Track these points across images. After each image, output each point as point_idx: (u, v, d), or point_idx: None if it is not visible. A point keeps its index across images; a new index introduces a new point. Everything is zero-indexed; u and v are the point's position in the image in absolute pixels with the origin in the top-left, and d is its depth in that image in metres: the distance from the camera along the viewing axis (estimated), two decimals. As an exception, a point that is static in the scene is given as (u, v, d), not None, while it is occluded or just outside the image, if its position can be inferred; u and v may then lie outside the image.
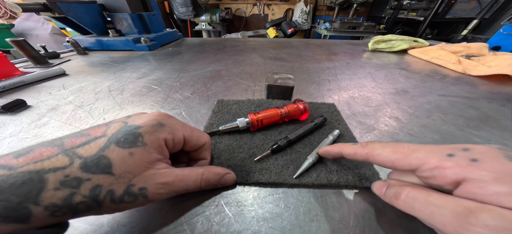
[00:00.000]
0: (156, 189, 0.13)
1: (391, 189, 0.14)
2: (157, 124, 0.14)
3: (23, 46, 0.51)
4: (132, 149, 0.12)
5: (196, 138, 0.17)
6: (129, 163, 0.12)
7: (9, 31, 1.59)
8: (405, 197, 0.13)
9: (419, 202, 0.12)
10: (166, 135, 0.14)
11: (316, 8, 2.54)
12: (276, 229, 0.15)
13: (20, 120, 0.30)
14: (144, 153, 0.12)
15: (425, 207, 0.11)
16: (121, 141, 0.12)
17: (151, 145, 0.13)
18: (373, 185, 0.17)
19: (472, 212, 0.09)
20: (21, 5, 0.53)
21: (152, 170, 0.13)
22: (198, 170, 0.16)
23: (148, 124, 0.13)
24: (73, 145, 0.11)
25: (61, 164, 0.10)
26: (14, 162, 0.09)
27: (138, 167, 0.12)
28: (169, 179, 0.14)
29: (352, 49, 0.78)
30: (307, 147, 0.23)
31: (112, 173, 0.11)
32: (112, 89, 0.40)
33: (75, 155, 0.10)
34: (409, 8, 2.02)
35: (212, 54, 0.69)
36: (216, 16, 2.25)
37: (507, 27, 1.41)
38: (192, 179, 0.15)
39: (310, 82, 0.45)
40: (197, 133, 0.18)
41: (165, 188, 0.14)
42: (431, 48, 0.68)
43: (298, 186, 0.19)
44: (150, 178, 0.13)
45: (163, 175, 0.13)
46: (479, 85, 0.44)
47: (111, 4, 0.72)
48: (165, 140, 0.14)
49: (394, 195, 0.14)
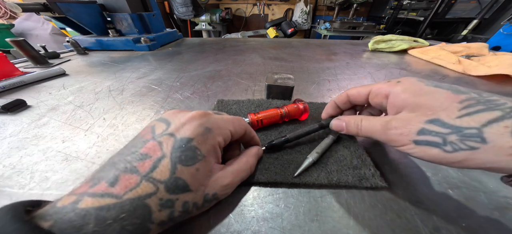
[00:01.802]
0: (223, 191, 0.15)
1: (351, 121, 0.19)
2: (205, 130, 0.14)
3: (23, 46, 0.51)
4: (196, 165, 0.13)
5: (239, 127, 0.17)
6: (198, 178, 0.13)
7: (9, 31, 1.59)
8: (362, 125, 0.18)
9: (368, 124, 0.18)
10: (217, 140, 0.15)
11: (316, 8, 2.54)
12: (276, 229, 0.15)
13: (20, 120, 0.30)
14: (206, 165, 0.14)
15: (370, 126, 0.17)
16: (183, 160, 0.13)
17: (208, 155, 0.14)
18: (332, 124, 0.22)
19: (388, 121, 0.16)
20: (21, 5, 0.53)
21: (214, 176, 0.14)
22: (242, 159, 0.18)
23: (197, 133, 0.14)
24: (146, 169, 0.12)
25: (151, 190, 0.11)
26: (115, 191, 0.11)
27: (204, 178, 0.14)
28: (229, 180, 0.15)
29: (352, 49, 0.78)
30: (307, 146, 0.23)
31: (191, 190, 0.13)
32: (112, 89, 0.40)
33: (155, 180, 0.12)
34: (409, 8, 2.02)
35: (212, 54, 0.69)
36: (216, 16, 2.25)
37: (507, 27, 1.41)
38: (244, 170, 0.17)
39: (310, 82, 0.45)
40: (237, 123, 0.17)
41: (229, 188, 0.15)
42: (431, 48, 0.68)
43: (298, 186, 0.19)
44: (216, 184, 0.14)
45: (223, 177, 0.15)
46: (479, 86, 0.44)
47: (111, 4, 0.72)
48: (218, 144, 0.15)
49: (355, 125, 0.19)
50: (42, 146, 0.24)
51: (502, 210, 0.17)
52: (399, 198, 0.18)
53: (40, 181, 0.20)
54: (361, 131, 0.18)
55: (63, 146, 0.24)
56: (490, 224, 0.16)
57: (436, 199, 0.18)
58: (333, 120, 0.21)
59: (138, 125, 0.29)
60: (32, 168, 0.21)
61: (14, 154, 0.23)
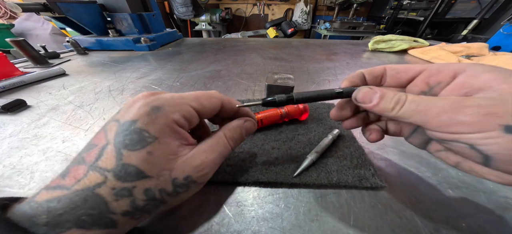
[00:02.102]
0: (197, 172, 0.13)
1: (389, 95, 0.13)
2: (151, 110, 0.12)
3: (23, 46, 0.51)
4: (146, 148, 0.11)
5: (207, 100, 0.15)
6: (155, 163, 0.12)
7: (9, 31, 1.59)
8: (408, 100, 0.13)
9: (421, 101, 0.12)
10: (171, 118, 0.13)
11: (316, 8, 2.54)
12: (276, 229, 0.15)
13: (20, 120, 0.30)
14: (161, 147, 0.12)
15: (424, 103, 0.12)
16: (128, 144, 0.11)
17: (162, 136, 0.12)
18: (359, 92, 0.15)
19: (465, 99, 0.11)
20: (21, 5, 0.53)
21: (182, 158, 0.13)
22: (218, 133, 0.16)
23: (142, 113, 0.12)
24: (92, 159, 0.11)
25: (99, 179, 0.11)
26: (65, 182, 0.11)
27: (166, 162, 0.12)
28: (202, 159, 0.14)
29: (352, 49, 0.78)
30: (307, 146, 0.23)
31: (149, 176, 0.12)
32: (112, 89, 0.40)
33: (101, 169, 0.11)
34: (409, 8, 2.02)
35: (212, 54, 0.69)
36: (216, 16, 2.25)
37: (507, 27, 1.41)
38: (221, 145, 0.15)
39: (310, 82, 0.45)
40: (205, 97, 0.15)
41: (204, 168, 0.14)
42: (431, 48, 0.68)
43: (299, 186, 0.19)
44: (186, 166, 0.13)
45: (194, 158, 0.13)
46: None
47: (111, 4, 0.72)
48: (175, 121, 0.13)
49: (396, 100, 0.13)
50: (42, 146, 0.24)
51: (502, 210, 0.17)
52: (399, 198, 0.18)
53: (40, 181, 0.20)
54: (404, 109, 0.13)
55: (63, 146, 0.24)
56: (490, 224, 0.16)
57: (436, 199, 0.18)
58: (362, 87, 0.15)
59: (138, 125, 0.29)
60: (32, 168, 0.21)
61: (14, 154, 0.23)
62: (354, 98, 0.15)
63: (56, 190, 0.10)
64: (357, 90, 0.15)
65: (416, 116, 0.12)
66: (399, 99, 0.13)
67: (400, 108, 0.13)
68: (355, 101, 0.15)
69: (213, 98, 0.15)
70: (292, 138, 0.25)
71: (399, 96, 0.13)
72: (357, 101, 0.15)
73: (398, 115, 0.13)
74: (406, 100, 0.13)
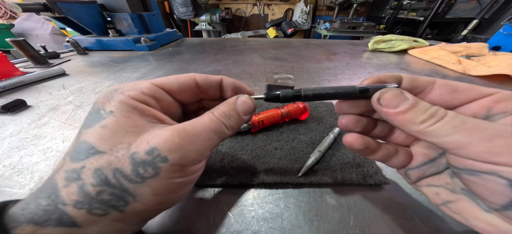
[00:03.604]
0: (168, 143, 0.10)
1: (421, 106, 0.11)
2: (109, 92, 0.12)
3: (23, 46, 0.51)
4: (101, 122, 0.10)
5: (174, 79, 0.14)
6: (109, 136, 0.10)
7: (9, 31, 1.59)
8: (451, 117, 0.10)
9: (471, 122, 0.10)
10: (127, 94, 0.11)
11: (316, 8, 2.54)
12: (276, 229, 0.15)
13: (20, 120, 0.30)
14: (117, 120, 0.10)
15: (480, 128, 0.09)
16: (86, 124, 0.11)
17: (117, 110, 0.11)
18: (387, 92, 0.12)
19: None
20: (21, 5, 0.53)
21: (148, 131, 0.11)
22: (205, 114, 0.13)
23: (101, 96, 0.12)
24: (67, 150, 0.11)
25: (59, 165, 0.10)
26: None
27: (123, 134, 0.10)
28: (178, 129, 0.11)
29: (352, 49, 0.78)
30: (309, 146, 0.23)
31: (99, 151, 0.10)
32: (112, 89, 0.40)
33: (66, 154, 0.10)
34: (409, 8, 2.02)
35: (212, 54, 0.69)
36: (216, 16, 2.25)
37: (507, 27, 1.41)
38: (206, 119, 0.12)
39: (310, 82, 0.45)
40: (173, 76, 0.14)
41: (181, 140, 0.11)
42: (431, 48, 0.68)
43: (304, 186, 0.19)
44: (152, 137, 0.10)
45: (166, 129, 0.11)
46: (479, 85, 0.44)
47: (111, 4, 0.72)
48: (133, 97, 0.11)
49: (432, 113, 0.10)
50: (42, 146, 0.24)
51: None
52: (399, 198, 0.18)
53: (40, 181, 0.20)
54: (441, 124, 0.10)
55: (63, 146, 0.24)
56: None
57: (436, 199, 0.18)
58: (391, 88, 0.12)
59: (138, 125, 0.29)
60: (32, 168, 0.21)
61: (14, 154, 0.23)
62: (375, 99, 0.12)
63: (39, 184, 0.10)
64: (383, 90, 0.12)
65: (456, 135, 0.10)
66: (436, 113, 0.11)
67: (435, 122, 0.10)
68: (376, 102, 0.12)
69: (183, 77, 0.14)
70: (293, 138, 0.25)
71: (436, 109, 0.11)
72: (378, 102, 0.12)
73: (429, 131, 0.10)
74: (446, 114, 0.10)
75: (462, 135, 0.09)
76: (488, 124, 0.09)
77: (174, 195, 0.12)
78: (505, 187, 0.09)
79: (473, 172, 0.10)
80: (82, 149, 0.10)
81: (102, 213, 0.09)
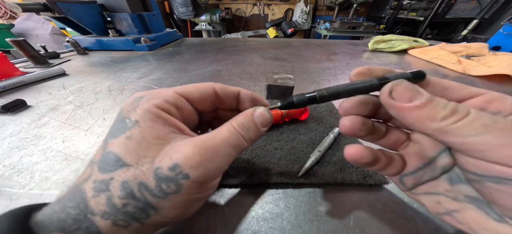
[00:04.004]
0: (190, 160, 0.10)
1: (442, 102, 0.10)
2: (134, 100, 0.12)
3: (23, 46, 0.51)
4: (126, 133, 0.11)
5: (195, 88, 0.14)
6: (134, 148, 0.10)
7: (9, 31, 1.59)
8: (476, 116, 0.09)
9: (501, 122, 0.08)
10: (152, 102, 0.12)
11: (316, 8, 2.54)
12: (276, 229, 0.15)
13: (20, 120, 0.30)
14: (141, 130, 0.11)
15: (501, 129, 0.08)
16: (113, 133, 0.11)
17: (142, 119, 0.11)
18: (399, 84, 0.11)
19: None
20: (21, 5, 0.53)
21: (170, 144, 0.11)
22: (223, 126, 0.13)
23: (126, 103, 0.12)
24: (93, 157, 0.11)
25: (87, 173, 0.10)
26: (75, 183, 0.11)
27: (147, 147, 0.10)
28: (199, 144, 0.11)
29: (352, 49, 0.78)
30: (309, 146, 0.23)
31: (126, 164, 0.10)
32: (112, 89, 0.40)
33: (92, 162, 0.11)
34: (409, 8, 2.02)
35: (212, 54, 0.69)
36: (216, 16, 2.25)
37: (507, 27, 1.41)
38: (224, 131, 0.12)
39: (310, 82, 0.45)
40: (194, 85, 0.14)
41: (202, 156, 0.11)
42: (431, 48, 0.68)
43: (304, 186, 0.19)
44: (174, 152, 0.10)
45: (188, 142, 0.11)
46: (479, 86, 0.44)
47: (111, 4, 0.72)
48: (157, 106, 0.12)
49: (453, 109, 0.09)
50: (42, 146, 0.24)
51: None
52: (399, 198, 0.18)
53: (40, 181, 0.20)
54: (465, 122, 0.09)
55: (63, 146, 0.24)
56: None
57: (436, 199, 0.18)
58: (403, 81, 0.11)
59: (138, 125, 0.29)
60: (32, 168, 0.21)
61: (14, 154, 0.23)
62: (387, 92, 0.11)
63: (64, 191, 0.10)
64: (395, 82, 0.11)
65: (487, 135, 0.08)
66: (457, 109, 0.09)
67: (459, 119, 0.09)
68: (387, 96, 0.11)
69: (203, 87, 0.14)
70: (293, 138, 0.25)
71: (456, 105, 0.10)
72: (390, 96, 0.11)
73: (451, 129, 0.09)
74: (469, 111, 0.09)
75: (494, 136, 0.08)
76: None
77: (191, 209, 0.12)
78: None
79: (501, 179, 0.09)
80: (110, 160, 0.10)
81: (125, 224, 0.10)
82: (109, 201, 0.10)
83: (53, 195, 0.18)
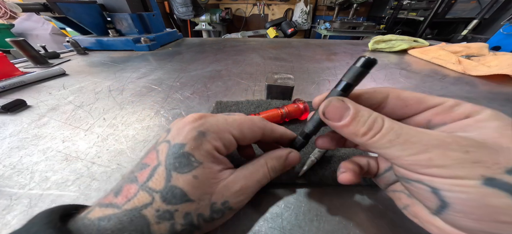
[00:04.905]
0: (235, 198, 0.13)
1: (364, 115, 0.11)
2: (198, 135, 0.13)
3: (23, 46, 0.51)
4: (192, 172, 0.12)
5: (249, 130, 0.15)
6: (199, 186, 0.12)
7: (9, 31, 1.59)
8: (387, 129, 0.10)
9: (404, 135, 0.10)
10: (213, 144, 0.13)
11: (316, 8, 2.54)
12: (276, 229, 0.15)
13: (20, 120, 0.30)
14: (205, 171, 0.12)
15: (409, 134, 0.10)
16: (178, 167, 0.12)
17: (206, 161, 0.13)
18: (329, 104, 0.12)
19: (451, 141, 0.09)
20: (21, 5, 0.53)
21: (222, 182, 0.13)
22: (260, 161, 0.15)
23: (190, 137, 0.13)
24: (144, 179, 0.12)
25: (146, 200, 0.11)
26: (117, 201, 0.11)
27: (208, 186, 0.12)
28: (241, 184, 0.14)
29: (352, 49, 0.78)
30: (309, 146, 0.23)
31: (191, 200, 0.12)
32: (112, 89, 0.40)
33: (150, 189, 0.11)
34: (409, 8, 2.02)
35: (212, 54, 0.69)
36: (216, 16, 2.25)
37: (507, 27, 1.41)
38: (260, 173, 0.15)
39: (310, 82, 0.45)
40: (248, 125, 0.15)
41: (243, 193, 0.14)
42: (431, 48, 0.68)
43: (304, 186, 0.19)
44: (225, 190, 0.13)
45: (234, 182, 0.13)
46: (479, 86, 0.44)
47: (111, 4, 0.72)
48: (216, 148, 0.13)
49: (371, 124, 0.11)
50: (42, 146, 0.24)
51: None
52: (399, 198, 0.18)
53: (40, 181, 0.20)
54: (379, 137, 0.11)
55: (63, 146, 0.24)
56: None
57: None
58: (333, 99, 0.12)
59: (138, 125, 0.29)
60: (32, 168, 0.21)
61: (14, 154, 0.23)
62: (321, 113, 0.12)
63: (108, 208, 0.11)
64: (325, 103, 0.12)
65: (392, 148, 0.10)
66: (374, 122, 0.11)
67: (373, 135, 0.11)
68: (323, 116, 0.12)
69: (255, 127, 0.15)
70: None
71: (375, 117, 0.11)
72: (324, 116, 0.12)
73: (369, 144, 0.11)
74: (383, 125, 0.11)
75: (396, 149, 0.10)
76: (419, 137, 0.10)
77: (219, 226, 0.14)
78: (430, 193, 0.10)
79: (408, 180, 0.11)
80: (177, 195, 0.11)
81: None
82: (171, 228, 0.11)
83: (53, 195, 0.18)
